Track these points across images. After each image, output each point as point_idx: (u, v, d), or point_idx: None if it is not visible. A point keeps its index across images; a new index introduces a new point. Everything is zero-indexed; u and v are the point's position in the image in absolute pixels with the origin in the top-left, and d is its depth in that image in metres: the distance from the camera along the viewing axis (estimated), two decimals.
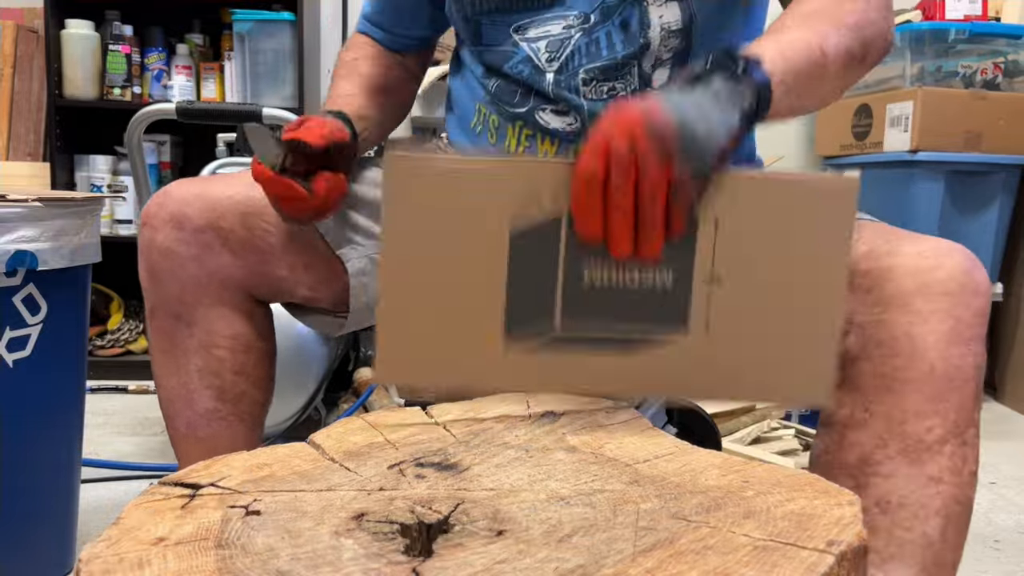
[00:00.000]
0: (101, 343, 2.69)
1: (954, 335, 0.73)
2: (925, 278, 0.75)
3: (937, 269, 0.75)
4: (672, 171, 0.62)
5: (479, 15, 0.96)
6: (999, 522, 1.70)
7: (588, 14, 0.92)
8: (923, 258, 0.76)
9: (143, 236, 0.94)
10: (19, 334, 1.19)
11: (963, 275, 0.75)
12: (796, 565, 0.46)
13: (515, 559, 0.47)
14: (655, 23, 0.91)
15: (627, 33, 0.91)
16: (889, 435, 0.74)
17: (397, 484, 0.58)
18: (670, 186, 0.62)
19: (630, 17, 0.91)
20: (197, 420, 0.95)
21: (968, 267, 0.76)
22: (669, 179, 0.62)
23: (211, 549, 0.49)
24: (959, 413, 0.73)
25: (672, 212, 0.63)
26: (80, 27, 2.67)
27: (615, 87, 0.92)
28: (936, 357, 0.73)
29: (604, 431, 0.68)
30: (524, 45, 0.95)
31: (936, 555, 0.73)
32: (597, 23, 0.92)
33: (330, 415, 2.12)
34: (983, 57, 2.45)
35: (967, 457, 0.74)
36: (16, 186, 2.53)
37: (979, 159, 2.35)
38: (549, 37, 0.93)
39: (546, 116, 0.95)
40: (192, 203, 0.92)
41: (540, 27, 0.94)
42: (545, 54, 0.94)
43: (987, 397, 2.63)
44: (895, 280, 0.75)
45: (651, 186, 0.62)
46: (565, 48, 0.93)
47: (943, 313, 0.74)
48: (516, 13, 0.94)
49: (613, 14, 0.91)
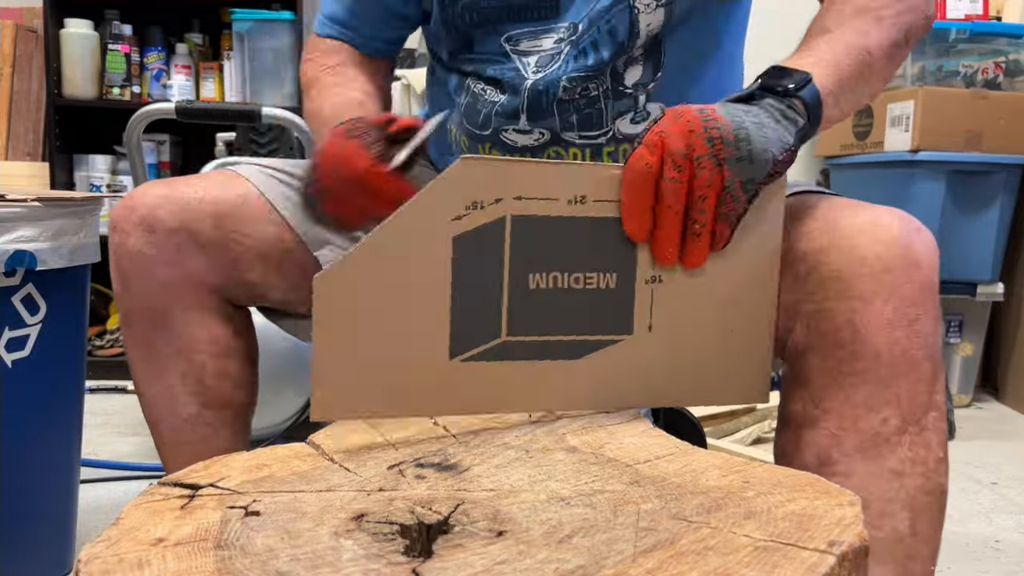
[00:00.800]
0: (100, 343, 2.69)
1: (898, 316, 0.70)
2: (863, 254, 0.71)
3: (875, 243, 0.71)
4: (725, 176, 0.63)
5: (471, 27, 0.95)
6: (999, 522, 1.70)
7: (576, 24, 0.91)
8: (859, 232, 0.72)
9: (113, 241, 0.91)
10: (18, 334, 1.19)
11: (903, 247, 0.71)
12: (797, 566, 0.46)
13: (515, 560, 0.47)
14: (643, 31, 0.90)
15: (614, 40, 0.90)
16: (843, 432, 0.71)
17: (397, 485, 0.58)
18: (720, 192, 0.63)
19: (618, 24, 0.90)
20: (181, 426, 0.94)
21: (908, 237, 0.72)
22: (721, 184, 0.63)
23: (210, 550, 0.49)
24: (912, 400, 0.70)
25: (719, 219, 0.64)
26: (79, 26, 2.67)
27: (588, 87, 0.91)
28: (881, 343, 0.70)
29: (604, 431, 0.68)
30: (515, 59, 0.93)
31: (908, 549, 0.71)
32: (584, 32, 0.91)
33: None
34: (984, 57, 2.45)
35: (930, 444, 0.71)
36: (15, 186, 2.53)
37: (980, 159, 2.35)
38: (540, 52, 0.92)
39: (512, 136, 0.94)
40: (162, 205, 0.89)
41: (532, 40, 0.93)
42: (533, 67, 0.93)
43: (987, 397, 2.63)
44: (831, 261, 0.72)
45: (703, 187, 0.63)
46: (555, 61, 0.92)
47: (884, 293, 0.70)
48: (510, 23, 0.93)
49: (600, 20, 0.90)
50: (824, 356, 0.73)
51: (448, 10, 0.95)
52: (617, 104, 0.92)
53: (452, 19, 0.95)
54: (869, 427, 0.71)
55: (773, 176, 0.67)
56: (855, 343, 0.71)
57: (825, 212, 0.76)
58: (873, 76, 0.78)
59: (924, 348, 0.71)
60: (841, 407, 0.72)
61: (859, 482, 0.71)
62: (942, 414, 0.73)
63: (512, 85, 0.93)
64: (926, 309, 0.71)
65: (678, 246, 0.65)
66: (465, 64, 0.97)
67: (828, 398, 0.72)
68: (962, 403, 2.53)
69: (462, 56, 0.98)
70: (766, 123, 0.66)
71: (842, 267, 0.72)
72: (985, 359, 2.63)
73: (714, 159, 0.63)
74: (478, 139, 0.97)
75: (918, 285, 0.71)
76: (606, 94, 0.92)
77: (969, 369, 2.54)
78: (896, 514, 0.71)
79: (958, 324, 2.52)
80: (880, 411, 0.71)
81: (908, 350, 0.70)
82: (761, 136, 0.65)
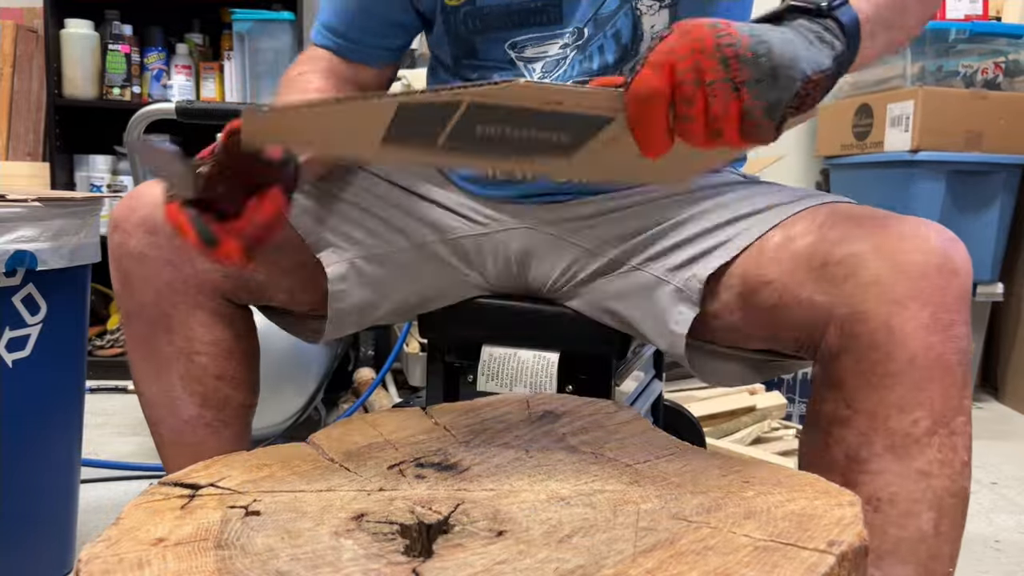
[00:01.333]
0: (101, 343, 2.69)
1: (933, 321, 0.71)
2: (901, 261, 0.72)
3: (913, 252, 0.72)
4: (744, 102, 0.58)
5: (473, 34, 0.94)
6: (999, 522, 1.70)
7: (582, 28, 0.90)
8: (898, 241, 0.73)
9: (113, 241, 0.90)
10: (19, 334, 1.19)
11: (940, 256, 0.72)
12: (797, 565, 0.46)
13: (515, 559, 0.47)
14: (647, 33, 0.90)
15: (619, 44, 0.90)
16: (874, 431, 0.72)
17: (397, 484, 0.58)
18: (741, 118, 0.58)
19: (623, 28, 0.90)
20: (182, 427, 0.93)
21: (944, 247, 0.73)
22: (739, 112, 0.58)
23: (211, 549, 0.49)
24: (944, 403, 0.71)
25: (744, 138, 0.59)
26: (80, 27, 2.67)
27: None
28: (916, 347, 0.71)
29: (604, 431, 0.68)
30: (520, 65, 0.93)
31: (931, 549, 0.72)
32: (591, 37, 0.90)
33: (330, 415, 2.12)
34: (984, 57, 2.45)
35: (957, 447, 0.72)
36: (16, 186, 2.52)
37: (980, 159, 2.35)
38: (545, 58, 0.91)
39: None
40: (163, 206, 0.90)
41: (537, 46, 0.92)
42: (539, 74, 0.92)
43: (987, 397, 2.63)
44: (871, 266, 0.73)
45: (715, 121, 0.58)
46: (560, 66, 0.92)
47: (921, 299, 0.71)
48: (514, 30, 0.92)
49: (606, 25, 0.90)
50: (859, 358, 0.73)
51: (450, 17, 0.94)
52: None
53: (454, 26, 0.94)
54: (900, 427, 0.72)
55: (805, 100, 0.61)
56: (890, 345, 0.72)
57: (862, 220, 0.77)
58: (907, 13, 0.75)
59: (958, 353, 0.72)
60: (874, 408, 0.73)
61: (886, 481, 0.72)
62: (969, 419, 0.74)
63: None
64: (961, 316, 0.73)
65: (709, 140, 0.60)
66: (469, 71, 0.97)
67: (861, 399, 0.73)
68: None
69: (466, 62, 0.97)
70: (795, 40, 0.61)
71: (881, 272, 0.73)
72: (985, 359, 2.63)
73: (730, 83, 0.57)
74: None
75: (954, 293, 0.72)
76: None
77: None
78: (922, 514, 0.72)
79: None
80: (912, 412, 0.71)
81: (943, 355, 0.71)
82: (787, 51, 0.59)
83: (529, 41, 0.92)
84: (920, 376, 0.71)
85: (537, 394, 0.79)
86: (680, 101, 0.58)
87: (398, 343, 2.17)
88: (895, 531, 0.72)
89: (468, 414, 0.73)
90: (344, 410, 2.11)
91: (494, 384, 0.98)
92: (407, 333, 2.18)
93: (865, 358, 0.73)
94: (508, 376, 0.97)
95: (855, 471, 0.73)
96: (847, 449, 0.74)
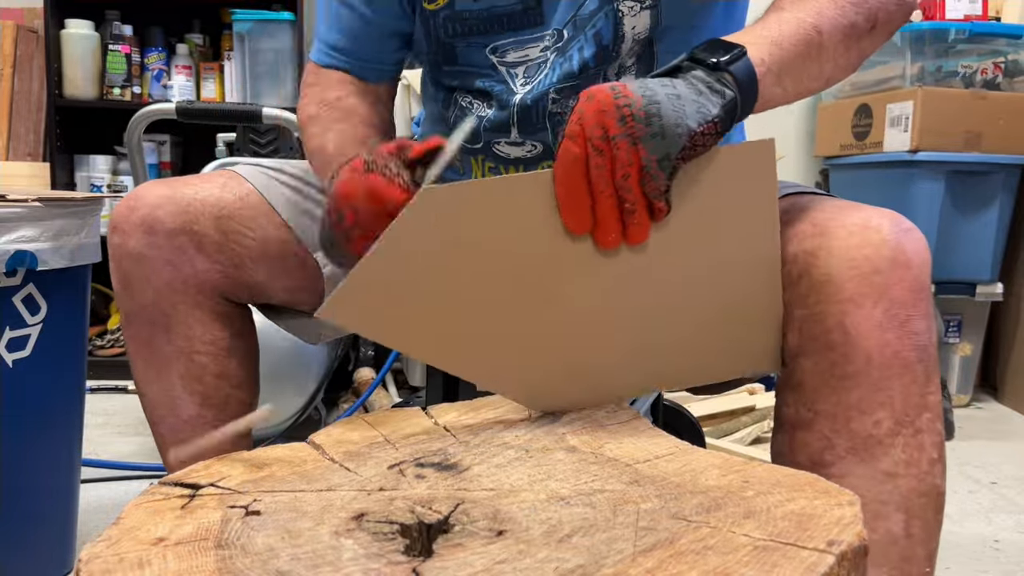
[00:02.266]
0: (101, 343, 2.69)
1: (888, 318, 0.70)
2: (852, 256, 0.71)
3: (864, 245, 0.71)
4: (641, 155, 0.62)
5: (453, 38, 0.93)
6: (999, 522, 1.70)
7: (561, 30, 0.90)
8: (849, 234, 0.72)
9: (112, 241, 0.90)
10: (19, 334, 1.19)
11: (891, 249, 0.71)
12: (796, 565, 0.46)
13: (515, 559, 0.47)
14: (628, 35, 0.89)
15: (599, 44, 0.90)
16: (835, 434, 0.71)
17: (397, 484, 0.58)
18: (641, 169, 0.63)
19: (603, 29, 0.89)
20: (182, 427, 0.94)
21: (897, 238, 0.71)
22: (639, 163, 0.62)
23: (211, 549, 0.49)
24: (905, 401, 0.70)
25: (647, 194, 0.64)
26: (80, 27, 2.67)
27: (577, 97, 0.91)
28: (872, 346, 0.70)
29: (604, 431, 0.68)
30: (503, 70, 0.92)
31: (903, 551, 0.71)
32: (571, 38, 0.90)
33: (330, 415, 2.12)
34: (983, 57, 2.45)
35: (923, 445, 0.71)
36: (16, 186, 2.53)
37: (979, 159, 2.35)
38: (527, 62, 0.91)
39: (504, 148, 0.94)
40: (163, 206, 0.88)
41: (519, 50, 0.91)
42: (521, 79, 0.92)
43: (987, 397, 2.63)
44: (821, 263, 0.72)
45: (622, 168, 0.63)
46: (541, 70, 0.91)
47: (875, 295, 0.70)
48: (494, 35, 0.91)
49: (586, 25, 0.89)
50: (816, 359, 0.72)
51: (429, 21, 0.93)
52: None
53: (433, 30, 0.93)
54: (862, 429, 0.71)
55: (695, 150, 0.65)
56: (846, 346, 0.70)
57: (815, 214, 0.76)
58: (823, 57, 0.76)
59: (916, 349, 0.71)
60: (834, 409, 0.72)
61: (851, 484, 0.70)
62: (936, 415, 0.72)
63: (500, 99, 0.93)
64: (918, 309, 0.71)
65: (618, 229, 0.65)
66: (450, 78, 0.97)
67: (820, 401, 0.72)
68: (961, 403, 2.53)
69: (446, 69, 0.97)
70: (684, 95, 0.65)
71: (831, 270, 0.71)
72: (984, 359, 2.63)
73: (628, 138, 0.62)
74: (470, 152, 0.97)
75: (908, 286, 0.71)
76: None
77: (968, 369, 2.54)
78: (890, 516, 0.71)
79: (957, 324, 2.52)
80: (872, 413, 0.70)
81: (900, 352, 0.70)
82: (674, 110, 0.64)
83: (510, 45, 0.91)
84: (878, 376, 0.70)
85: None
86: (592, 153, 0.63)
87: None
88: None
89: (468, 414, 0.73)
90: (344, 410, 2.11)
91: None
92: None
93: (823, 359, 0.72)
94: None
95: (820, 475, 0.71)
96: (811, 453, 0.73)
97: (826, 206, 0.77)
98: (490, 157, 0.96)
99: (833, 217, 0.74)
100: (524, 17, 0.90)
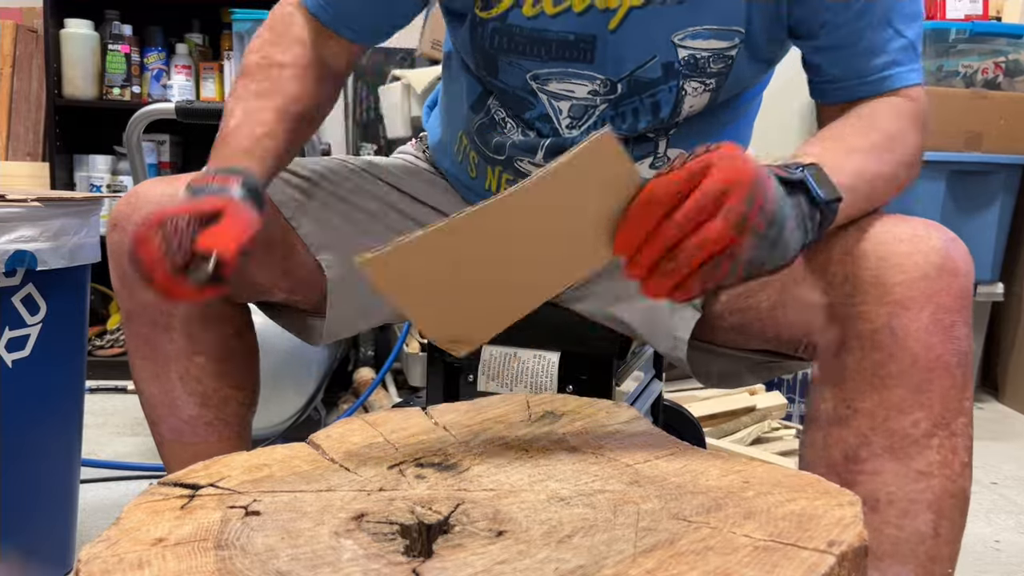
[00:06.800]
0: (101, 343, 2.69)
1: (934, 322, 0.71)
2: (902, 261, 0.73)
3: (914, 252, 0.73)
4: (736, 243, 0.59)
5: (497, 52, 0.90)
6: (999, 522, 1.70)
7: (615, 83, 0.87)
8: (898, 240, 0.74)
9: (113, 239, 0.90)
10: (18, 334, 1.19)
11: (941, 256, 0.73)
12: (797, 565, 0.46)
13: (515, 560, 0.47)
14: (684, 111, 0.89)
15: (656, 115, 0.89)
16: (873, 432, 0.73)
17: (397, 484, 0.58)
18: (722, 251, 0.59)
19: (663, 101, 0.88)
20: (182, 426, 0.94)
21: (946, 247, 0.73)
22: (727, 246, 0.59)
23: (210, 549, 0.49)
24: (944, 404, 0.72)
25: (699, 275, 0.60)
26: (79, 27, 2.67)
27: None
28: (917, 348, 0.71)
29: (604, 431, 0.68)
30: (544, 100, 0.90)
31: (930, 550, 0.72)
32: (624, 96, 0.88)
33: (330, 415, 2.12)
34: (984, 57, 2.45)
35: (956, 448, 0.72)
36: (15, 186, 2.53)
37: (980, 159, 2.35)
38: (573, 99, 0.89)
39: (526, 166, 0.93)
40: (165, 204, 0.85)
41: (562, 83, 0.88)
42: (567, 119, 0.90)
43: (987, 397, 2.63)
44: (871, 267, 0.74)
45: (709, 237, 0.58)
46: (590, 116, 0.90)
47: (922, 300, 0.72)
48: (539, 62, 0.88)
49: (644, 92, 0.88)
50: (861, 357, 0.74)
51: (478, 29, 0.89)
52: (637, 149, 0.91)
53: (480, 39, 0.90)
54: (899, 428, 0.72)
55: (772, 272, 0.65)
56: (893, 347, 0.72)
57: (861, 221, 0.77)
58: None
59: (957, 354, 0.72)
60: (874, 408, 0.73)
61: (884, 481, 0.72)
62: (970, 420, 0.74)
63: (542, 132, 0.92)
64: (961, 316, 0.73)
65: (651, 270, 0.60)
66: (490, 84, 0.94)
67: (861, 398, 0.74)
68: None
69: (488, 79, 0.94)
70: (795, 222, 0.65)
71: (881, 273, 0.73)
72: (985, 359, 2.63)
73: (739, 221, 0.58)
74: (490, 161, 0.96)
75: (955, 293, 0.72)
76: (626, 139, 0.90)
77: None
78: (920, 515, 0.72)
79: None
80: (912, 413, 0.72)
81: (942, 356, 0.72)
82: (790, 231, 0.64)
83: (553, 75, 0.89)
84: (921, 378, 0.72)
85: (537, 394, 0.79)
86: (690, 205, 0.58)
87: (398, 343, 2.17)
88: (893, 532, 0.72)
89: (468, 414, 0.73)
90: (344, 410, 2.11)
91: (494, 384, 0.98)
92: (407, 333, 2.18)
93: (867, 358, 0.73)
94: (508, 376, 0.97)
95: (854, 471, 0.73)
96: (846, 449, 0.74)
97: (872, 215, 0.79)
98: (509, 170, 0.95)
99: (881, 225, 0.76)
100: (574, 49, 0.87)
